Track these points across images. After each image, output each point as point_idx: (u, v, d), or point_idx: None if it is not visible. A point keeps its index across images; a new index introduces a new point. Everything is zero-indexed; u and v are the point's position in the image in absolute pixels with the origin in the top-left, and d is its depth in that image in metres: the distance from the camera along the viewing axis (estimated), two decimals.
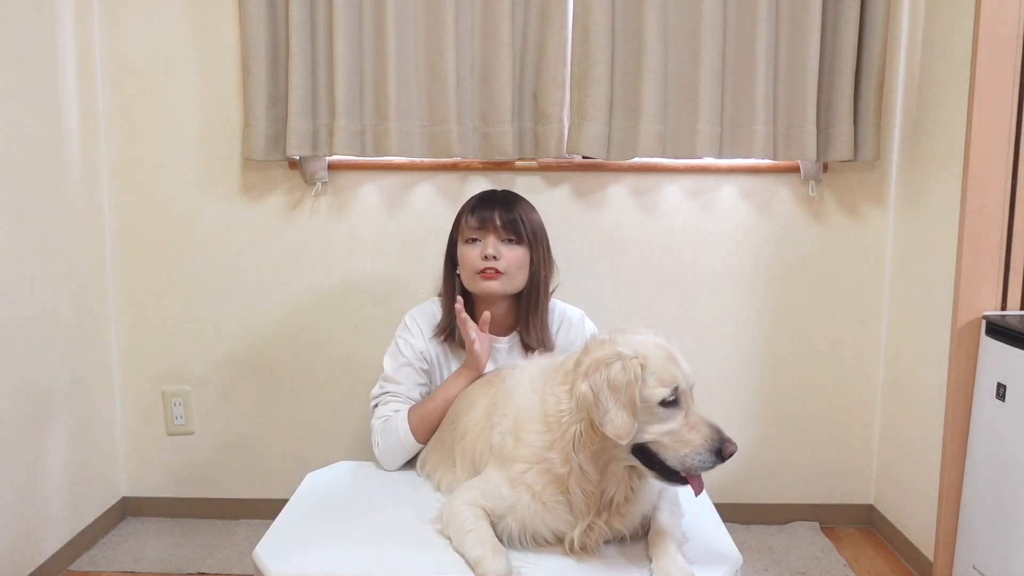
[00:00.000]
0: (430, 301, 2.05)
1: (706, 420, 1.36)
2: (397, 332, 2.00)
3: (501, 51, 2.40)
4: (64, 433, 2.40)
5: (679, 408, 1.35)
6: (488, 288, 1.89)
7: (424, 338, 1.97)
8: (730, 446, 1.33)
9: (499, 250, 1.88)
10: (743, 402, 2.69)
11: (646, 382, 1.35)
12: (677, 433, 1.34)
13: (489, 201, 1.95)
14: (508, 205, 1.94)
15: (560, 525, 1.44)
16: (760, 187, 2.59)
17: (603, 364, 1.36)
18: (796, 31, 2.40)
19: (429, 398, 1.88)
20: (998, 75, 2.07)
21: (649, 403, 1.34)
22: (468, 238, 1.92)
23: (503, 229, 1.89)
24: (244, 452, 2.71)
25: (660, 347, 1.40)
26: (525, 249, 1.91)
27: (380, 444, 1.89)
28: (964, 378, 2.15)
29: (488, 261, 1.87)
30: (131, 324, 2.66)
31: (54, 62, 2.33)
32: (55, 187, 2.35)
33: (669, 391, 1.34)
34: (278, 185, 2.59)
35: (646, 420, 1.35)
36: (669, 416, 1.35)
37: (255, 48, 2.41)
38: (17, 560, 2.19)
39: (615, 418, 1.33)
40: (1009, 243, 2.11)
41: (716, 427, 1.35)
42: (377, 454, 1.90)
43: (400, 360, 1.95)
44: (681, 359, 1.40)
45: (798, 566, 2.43)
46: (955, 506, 2.17)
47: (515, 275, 1.90)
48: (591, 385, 1.36)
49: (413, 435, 1.85)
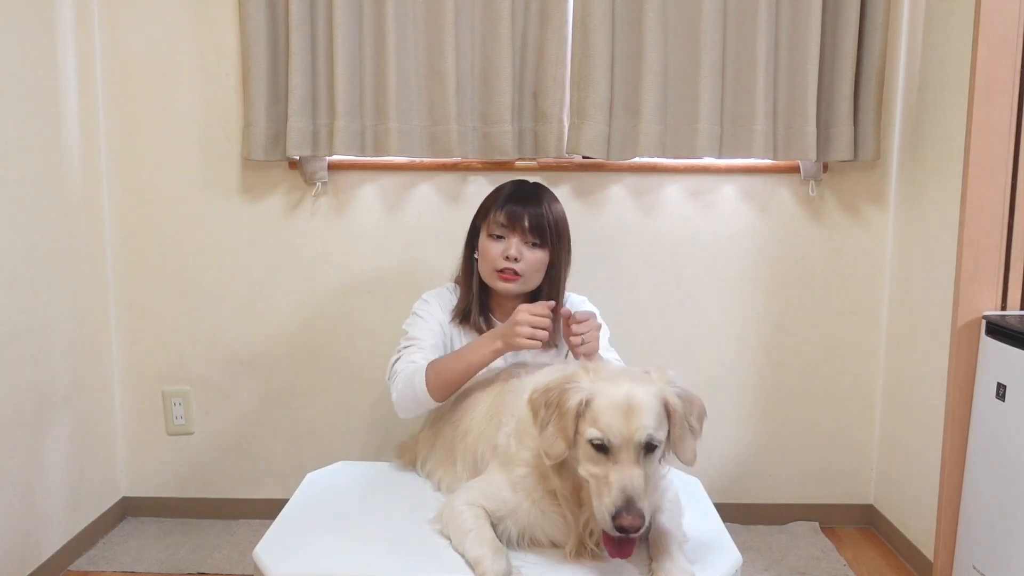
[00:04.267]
0: (443, 287, 2.04)
1: (624, 483, 1.28)
2: (414, 307, 1.99)
3: (501, 51, 2.40)
4: (64, 433, 2.40)
5: (607, 458, 1.33)
6: (504, 288, 1.90)
7: (441, 313, 1.96)
8: (624, 519, 1.26)
9: (522, 252, 1.87)
10: (743, 402, 2.69)
11: (584, 417, 1.35)
12: (599, 480, 1.32)
13: (519, 198, 1.92)
14: (538, 202, 1.91)
15: (557, 534, 1.44)
16: (760, 187, 2.59)
17: (559, 385, 1.40)
18: (796, 31, 2.41)
19: (451, 358, 1.80)
20: (998, 75, 2.07)
21: (582, 437, 1.34)
22: (494, 233, 1.90)
23: (530, 232, 1.88)
24: (244, 452, 2.71)
25: (623, 397, 1.34)
26: (546, 252, 1.91)
27: (398, 391, 1.82)
28: (964, 378, 2.15)
29: (509, 262, 1.87)
30: (131, 324, 2.66)
31: (54, 62, 2.33)
32: (55, 187, 2.35)
33: (598, 435, 1.32)
34: (278, 185, 2.59)
35: (583, 455, 1.35)
36: (599, 460, 1.33)
37: (255, 48, 2.41)
38: (17, 560, 2.18)
39: (548, 434, 1.37)
40: (1009, 243, 2.11)
41: (629, 495, 1.27)
42: (393, 399, 1.84)
43: (420, 324, 1.93)
44: (638, 417, 1.32)
45: (798, 566, 2.43)
46: (955, 506, 2.17)
47: (531, 277, 1.91)
48: (537, 397, 1.41)
49: (427, 390, 1.77)
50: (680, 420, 1.37)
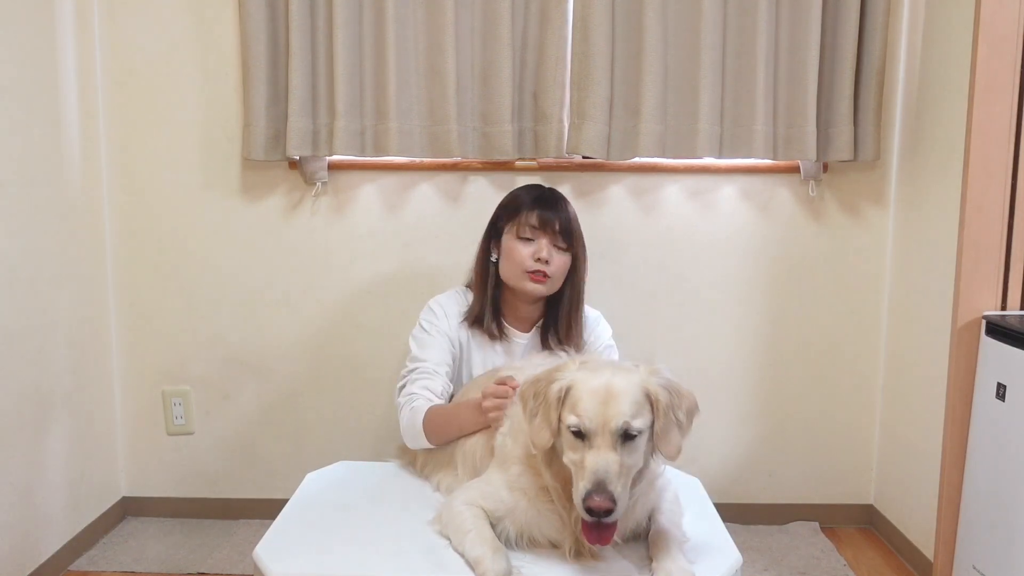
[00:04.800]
0: (453, 291, 2.05)
1: (597, 466, 1.29)
2: (421, 316, 1.99)
3: (501, 51, 2.40)
4: (64, 433, 2.40)
5: (585, 444, 1.33)
6: (535, 290, 1.92)
7: (449, 322, 1.97)
8: (593, 500, 1.27)
9: (551, 255, 1.91)
10: (743, 402, 2.69)
11: (564, 405, 1.37)
12: (577, 466, 1.33)
13: (548, 202, 1.96)
14: (564, 207, 1.97)
15: (554, 533, 1.44)
16: (760, 187, 2.59)
17: (547, 376, 1.42)
18: (796, 31, 2.41)
19: (450, 413, 1.80)
20: (998, 75, 2.07)
21: (564, 424, 1.36)
22: (524, 236, 1.92)
23: (560, 235, 1.92)
24: (244, 452, 2.71)
25: (603, 385, 1.35)
26: (570, 256, 1.95)
27: (403, 423, 1.85)
28: (964, 378, 2.15)
29: (540, 264, 1.89)
30: (131, 324, 2.66)
31: (54, 62, 2.33)
32: (55, 187, 2.35)
33: (575, 421, 1.33)
34: (278, 185, 2.59)
35: (566, 443, 1.36)
36: (578, 447, 1.34)
37: (255, 48, 2.41)
38: (17, 560, 2.18)
39: (536, 425, 1.39)
40: (1009, 243, 2.11)
41: (600, 478, 1.28)
42: (401, 428, 1.87)
43: (426, 339, 1.94)
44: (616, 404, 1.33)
45: (798, 566, 2.43)
46: (955, 506, 2.17)
47: (558, 280, 1.94)
48: (526, 388, 1.44)
49: (425, 435, 1.80)
50: (665, 411, 1.37)
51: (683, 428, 1.40)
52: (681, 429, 1.39)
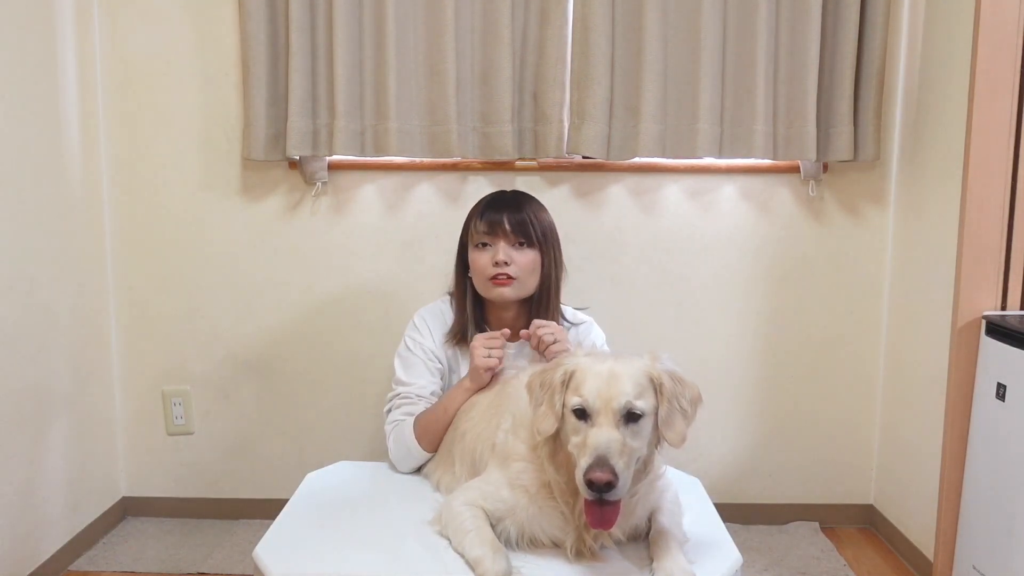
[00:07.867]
0: (440, 300, 2.02)
1: (599, 441, 1.30)
2: (406, 331, 1.97)
3: (501, 51, 2.40)
4: (64, 433, 2.40)
5: (587, 423, 1.34)
6: (501, 295, 1.87)
7: (433, 338, 1.94)
8: (593, 473, 1.27)
9: (510, 255, 1.85)
10: (743, 402, 2.69)
11: (569, 388, 1.39)
12: (578, 447, 1.34)
13: (498, 204, 1.91)
14: (517, 207, 1.90)
15: (556, 532, 1.44)
16: (760, 187, 2.59)
17: (553, 365, 1.45)
18: (796, 31, 2.40)
19: (433, 408, 1.84)
20: (998, 75, 2.07)
21: (567, 408, 1.37)
22: (478, 243, 1.88)
23: (513, 233, 1.86)
24: (244, 452, 2.71)
25: (607, 369, 1.37)
26: (536, 252, 1.89)
27: (392, 450, 1.87)
28: (964, 378, 2.15)
29: (499, 267, 1.84)
30: (131, 324, 2.66)
31: (54, 62, 2.33)
32: (55, 187, 2.35)
33: (579, 400, 1.35)
34: (278, 185, 2.59)
35: (570, 428, 1.37)
36: (581, 429, 1.35)
37: (255, 48, 2.41)
38: (17, 560, 2.19)
39: (541, 412, 1.41)
40: (1009, 243, 2.11)
41: (601, 453, 1.28)
42: (391, 456, 1.88)
43: (409, 361, 1.93)
44: (618, 384, 1.34)
45: (798, 566, 2.43)
46: (955, 506, 2.17)
47: (527, 280, 1.88)
48: (533, 378, 1.47)
49: (418, 444, 1.82)
50: (669, 397, 1.38)
51: (687, 416, 1.41)
52: (685, 417, 1.41)
